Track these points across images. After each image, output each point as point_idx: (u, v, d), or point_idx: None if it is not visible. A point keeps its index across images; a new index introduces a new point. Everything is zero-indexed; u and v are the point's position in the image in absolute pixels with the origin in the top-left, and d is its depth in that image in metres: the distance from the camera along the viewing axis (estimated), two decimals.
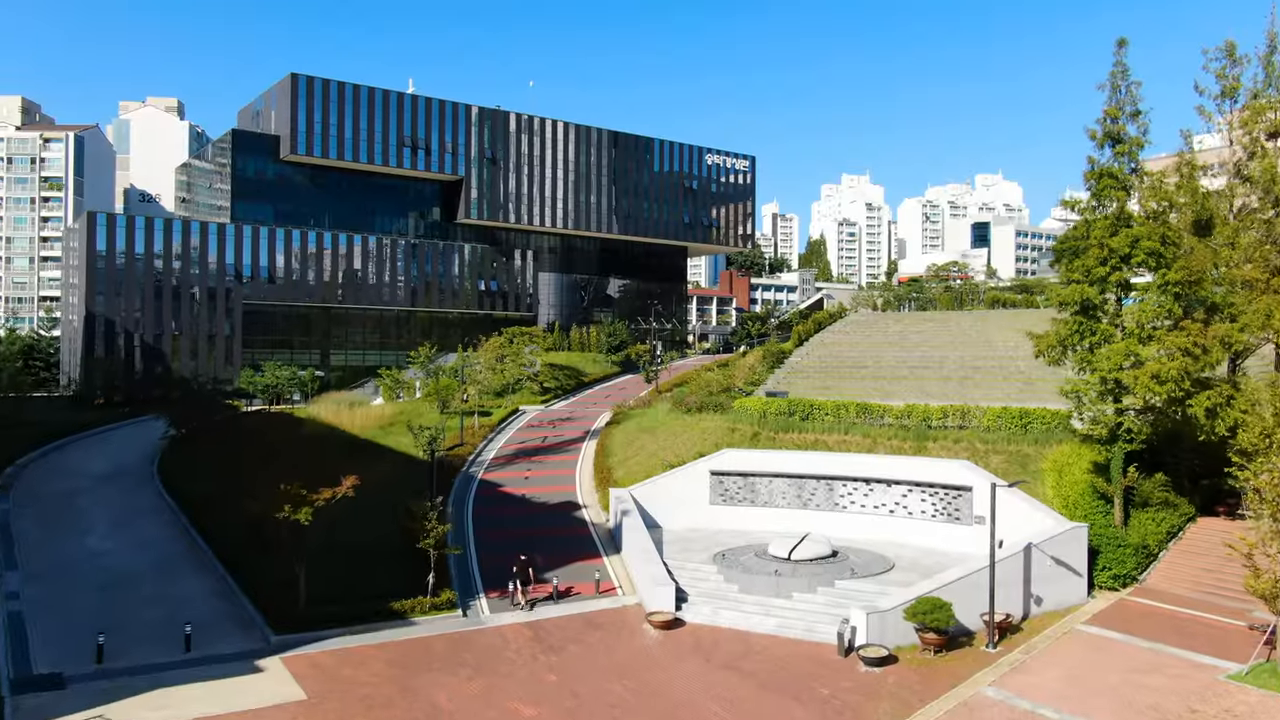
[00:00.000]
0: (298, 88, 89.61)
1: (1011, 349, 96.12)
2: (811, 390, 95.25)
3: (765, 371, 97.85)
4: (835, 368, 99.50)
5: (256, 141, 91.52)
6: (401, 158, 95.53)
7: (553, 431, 64.82)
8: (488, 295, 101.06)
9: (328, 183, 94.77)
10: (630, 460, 52.44)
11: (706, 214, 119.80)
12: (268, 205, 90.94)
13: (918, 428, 46.51)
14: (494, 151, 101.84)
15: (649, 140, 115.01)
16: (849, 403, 49.53)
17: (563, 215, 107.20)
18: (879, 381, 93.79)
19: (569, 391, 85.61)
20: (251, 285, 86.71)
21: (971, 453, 44.23)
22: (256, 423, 64.76)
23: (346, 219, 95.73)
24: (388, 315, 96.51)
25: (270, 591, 32.90)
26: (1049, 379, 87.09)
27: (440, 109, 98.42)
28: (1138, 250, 35.68)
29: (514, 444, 61.30)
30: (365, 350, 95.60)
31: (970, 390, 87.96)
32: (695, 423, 54.07)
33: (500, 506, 47.18)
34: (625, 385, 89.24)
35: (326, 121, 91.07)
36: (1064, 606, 33.61)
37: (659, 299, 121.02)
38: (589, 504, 47.70)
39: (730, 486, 43.79)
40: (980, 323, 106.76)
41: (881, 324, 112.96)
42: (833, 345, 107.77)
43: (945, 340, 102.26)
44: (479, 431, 62.42)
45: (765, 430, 49.64)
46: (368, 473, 51.72)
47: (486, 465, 55.70)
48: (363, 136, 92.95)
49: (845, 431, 47.78)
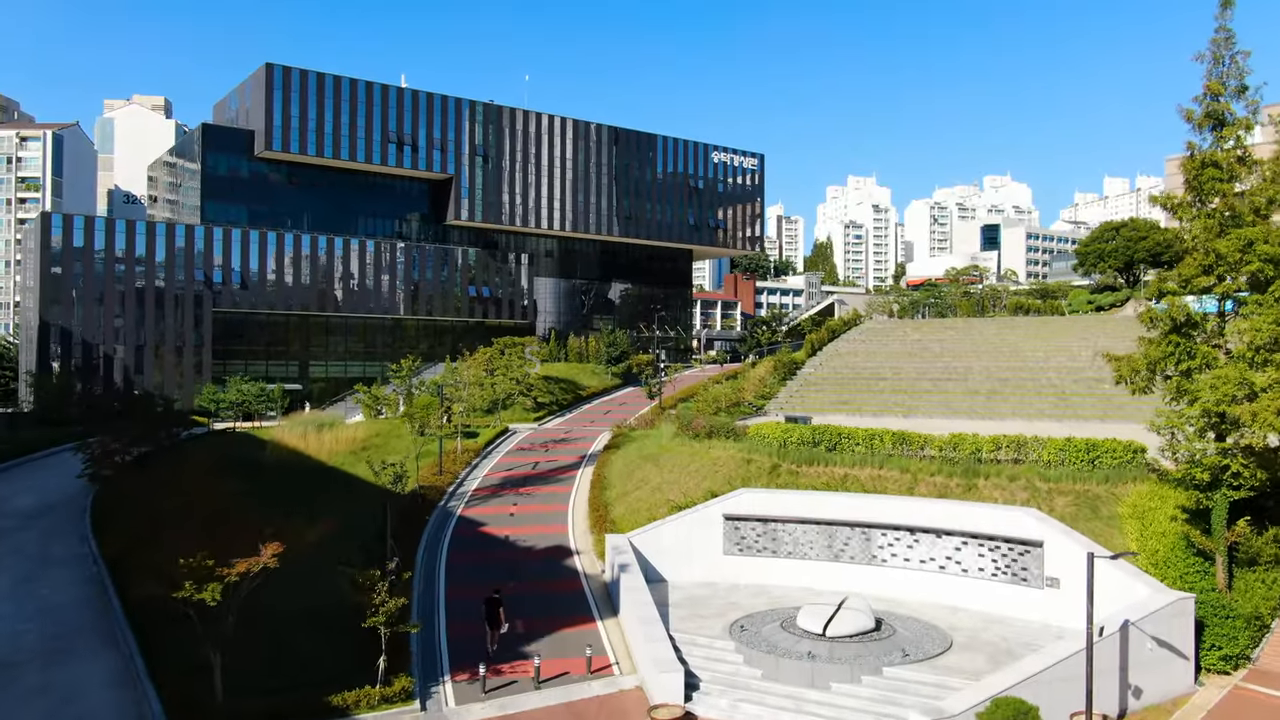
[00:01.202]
0: (273, 79, 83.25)
1: (1041, 360, 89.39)
2: (827, 405, 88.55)
3: (776, 384, 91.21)
4: (851, 380, 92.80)
5: (229, 137, 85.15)
6: (386, 155, 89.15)
7: (545, 456, 58.31)
8: (480, 302, 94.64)
9: (307, 182, 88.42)
10: (630, 494, 45.88)
11: (713, 215, 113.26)
12: (241, 206, 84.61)
13: (965, 461, 39.89)
14: (486, 149, 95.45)
15: (652, 137, 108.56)
16: (883, 431, 42.91)
17: (560, 216, 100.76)
18: (899, 395, 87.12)
19: (565, 407, 79.09)
20: (223, 292, 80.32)
21: (1031, 492, 37.62)
22: (213, 448, 58.24)
23: (327, 221, 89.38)
24: (372, 324, 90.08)
25: (183, 678, 26.44)
26: (1084, 393, 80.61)
27: (428, 103, 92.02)
28: (1251, 255, 29.06)
29: (501, 471, 54.78)
30: (348, 361, 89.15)
31: (998, 405, 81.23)
32: (704, 451, 47.48)
33: (479, 552, 40.64)
34: (626, 400, 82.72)
35: (305, 116, 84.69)
36: (1168, 698, 27.00)
37: (663, 305, 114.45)
38: (582, 549, 41.12)
39: (748, 534, 37.18)
40: (1005, 331, 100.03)
41: (899, 332, 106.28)
42: (848, 355, 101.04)
43: (968, 350, 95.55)
44: (462, 457, 55.89)
45: (786, 462, 43.03)
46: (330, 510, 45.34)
47: (468, 498, 49.17)
48: (344, 132, 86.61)
49: (880, 465, 41.17)
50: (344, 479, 50.87)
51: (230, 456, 54.93)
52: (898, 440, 42.10)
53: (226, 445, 59.14)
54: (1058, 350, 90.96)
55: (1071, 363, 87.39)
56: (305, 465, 52.98)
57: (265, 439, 58.18)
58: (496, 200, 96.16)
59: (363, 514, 41.63)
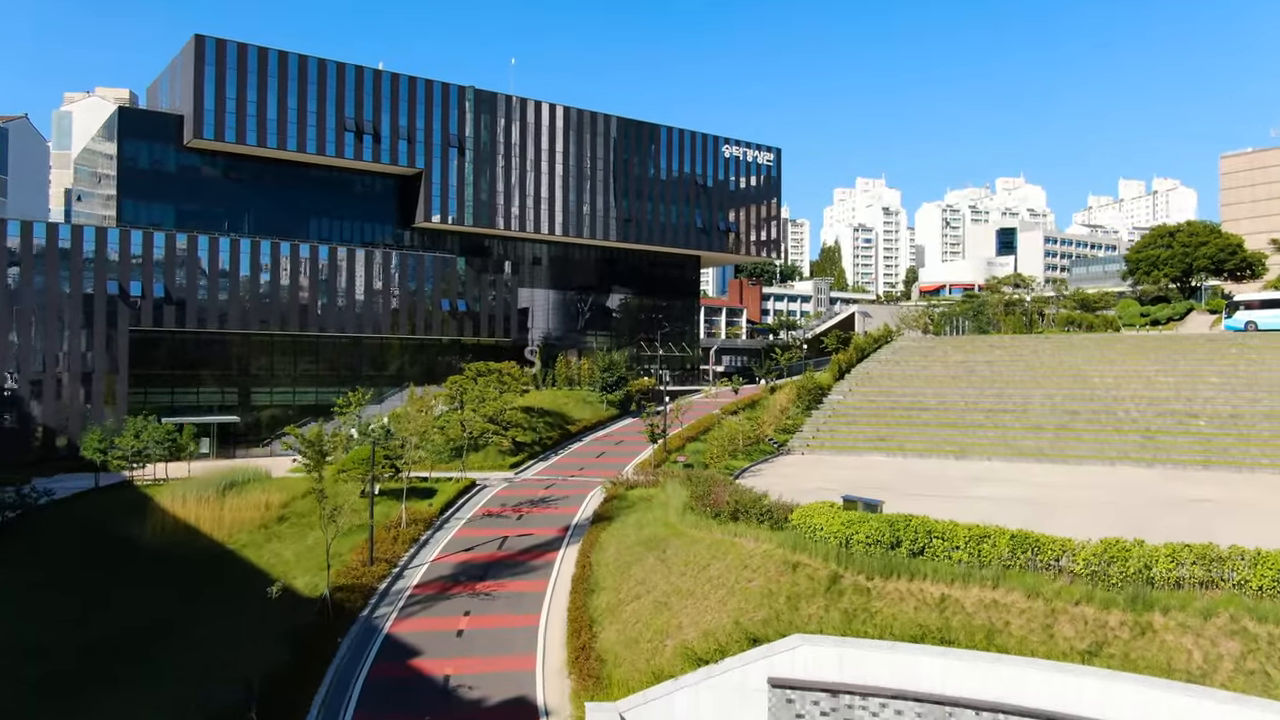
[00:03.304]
0: (203, 54, 69.97)
1: (1112, 387, 75.77)
2: (861, 441, 74.85)
3: (800, 414, 77.78)
4: (888, 410, 79.22)
5: (151, 123, 71.81)
6: (343, 145, 75.85)
7: (516, 527, 44.96)
8: (456, 317, 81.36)
9: (248, 177, 75.13)
10: (626, 607, 32.60)
11: (723, 217, 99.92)
12: (167, 204, 71.40)
13: (1131, 582, 26.54)
14: (462, 139, 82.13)
15: (655, 128, 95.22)
16: (992, 530, 29.47)
17: (550, 218, 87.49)
18: (946, 430, 73.58)
19: (550, 447, 65.83)
20: (143, 307, 67.01)
21: (1242, 639, 24.28)
22: (83, 518, 44.79)
23: (272, 223, 76.16)
24: (327, 343, 76.78)
25: None
26: (1174, 430, 66.85)
27: (393, 85, 78.75)
28: None
29: (456, 552, 41.43)
30: (296, 388, 75.83)
31: (1071, 444, 67.65)
32: (729, 543, 34.10)
33: (404, 714, 27.34)
34: (624, 435, 69.49)
35: (243, 98, 71.40)
36: None
37: (666, 317, 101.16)
38: (554, 708, 27.78)
39: (808, 712, 23.83)
40: (1062, 352, 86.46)
41: (938, 351, 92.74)
42: (881, 379, 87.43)
43: (1022, 374, 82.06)
44: (407, 532, 42.52)
45: (851, 571, 29.65)
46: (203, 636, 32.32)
47: (405, 601, 35.83)
48: (291, 117, 73.32)
49: (994, 582, 27.75)
50: (241, 573, 37.62)
51: (99, 532, 41.65)
52: (1017, 545, 28.69)
53: (105, 512, 45.74)
54: (1129, 375, 77.54)
55: (1150, 391, 74.00)
56: (193, 550, 39.68)
57: (160, 497, 44.83)
58: (475, 199, 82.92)
59: (255, 636, 28.33)
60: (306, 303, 73.77)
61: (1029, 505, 44.08)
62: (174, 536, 40.54)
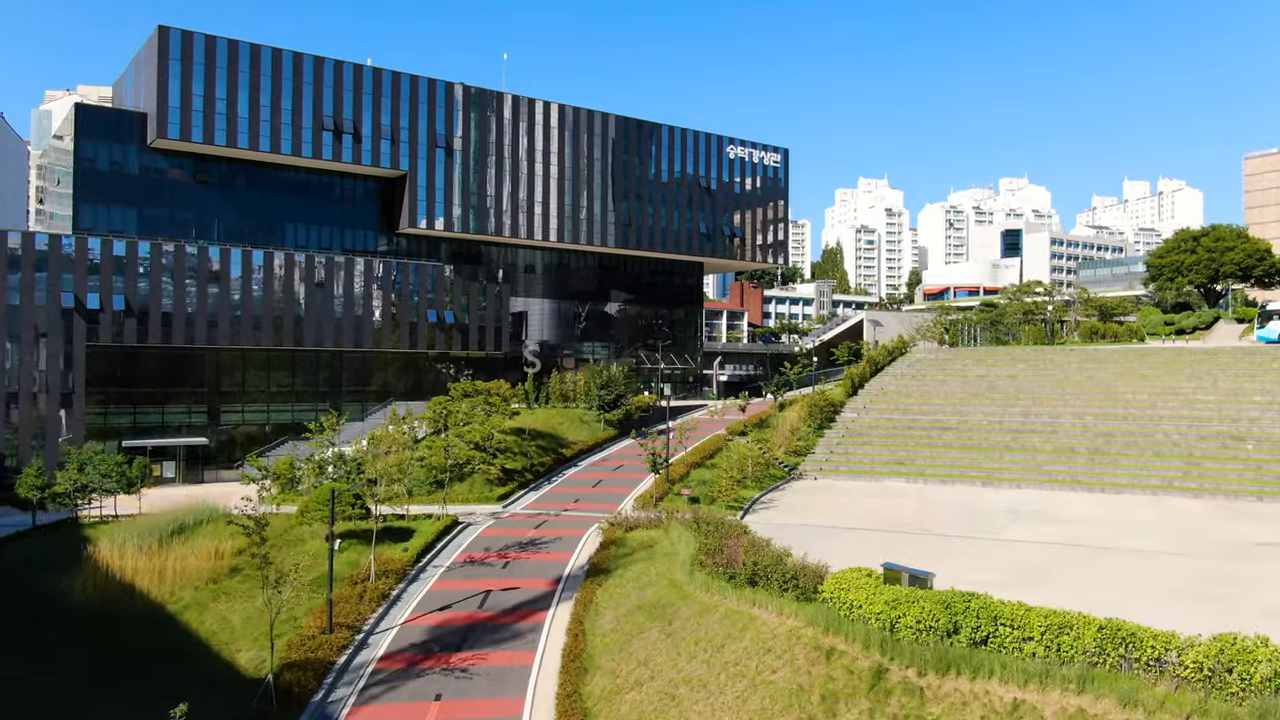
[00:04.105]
0: (168, 47, 64.63)
1: (1147, 407, 70.44)
2: (879, 464, 69.54)
3: (812, 433, 72.51)
4: (906, 430, 73.95)
5: (111, 122, 66.43)
6: (320, 145, 70.47)
7: (501, 578, 39.66)
8: (442, 329, 76.07)
9: (217, 180, 69.79)
10: (625, 698, 27.34)
11: (728, 221, 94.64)
12: (130, 210, 66.11)
13: (1257, 692, 21.29)
14: (450, 139, 76.77)
15: (656, 127, 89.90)
16: (1074, 619, 24.15)
17: (544, 223, 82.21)
18: (970, 453, 68.32)
19: (542, 474, 60.58)
20: (102, 321, 61.69)
21: None
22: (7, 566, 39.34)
23: (244, 229, 70.92)
24: (304, 357, 71.56)
25: None
26: (1220, 455, 61.26)
27: (375, 81, 73.40)
28: None
29: (431, 611, 36.16)
30: (272, 405, 70.59)
31: (1107, 469, 62.41)
32: (748, 617, 28.82)
33: None
34: (623, 459, 64.28)
35: (211, 95, 66.05)
36: None
37: (668, 325, 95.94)
38: None
39: None
40: (1089, 365, 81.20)
41: (956, 365, 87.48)
42: (897, 395, 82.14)
43: (1049, 390, 76.77)
44: (376, 587, 37.19)
45: (898, 663, 24.39)
46: None
47: (366, 681, 30.52)
48: (264, 115, 67.97)
49: (1078, 686, 22.47)
50: (175, 645, 32.29)
51: (21, 588, 36.29)
52: (1105, 639, 23.41)
53: (35, 560, 40.33)
54: (1165, 393, 72.28)
55: (1190, 410, 68.75)
56: (125, 613, 34.35)
57: (91, 555, 39.47)
58: (463, 203, 77.61)
59: None
60: (281, 315, 68.46)
61: (1079, 554, 39.02)
62: (105, 594, 35.24)
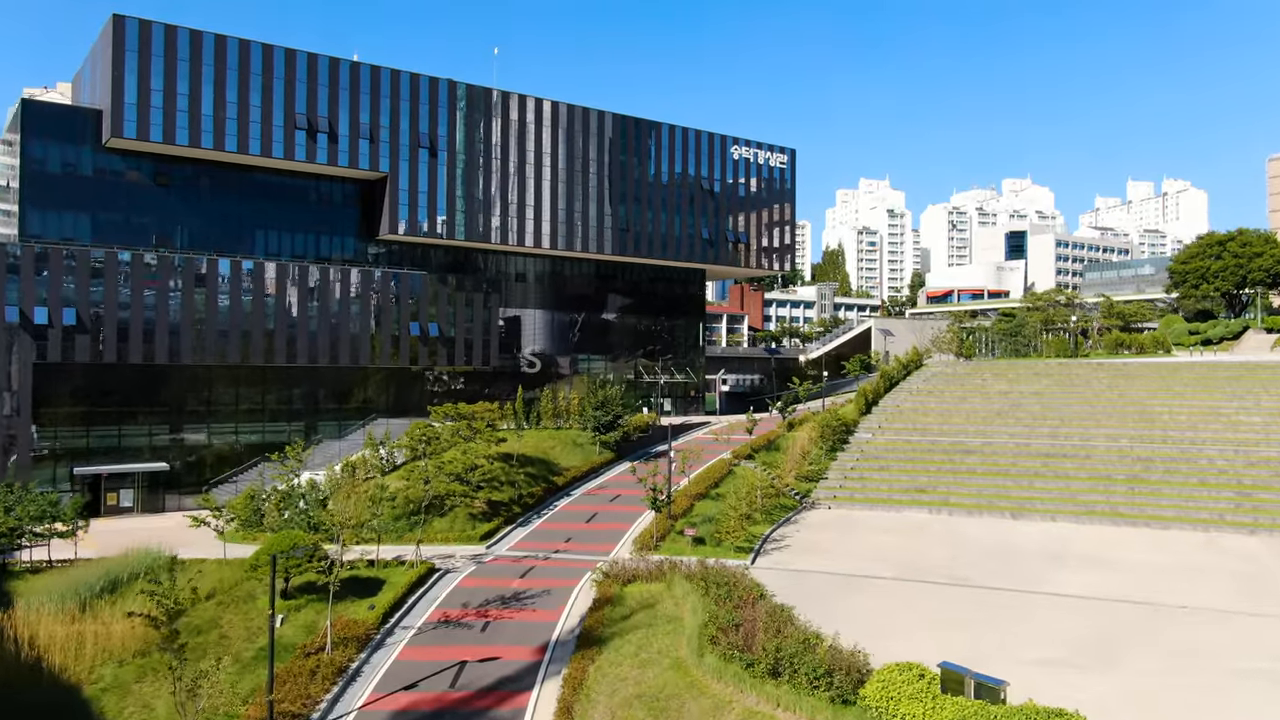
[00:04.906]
0: (123, 37, 59.23)
1: (1187, 428, 64.99)
2: (898, 492, 63.68)
3: (824, 457, 67.00)
4: (926, 452, 68.46)
5: (62, 119, 60.96)
6: (293, 145, 65.08)
7: (480, 644, 34.26)
8: (425, 342, 70.79)
9: (180, 183, 64.31)
10: None
11: (731, 226, 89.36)
12: (83, 215, 60.71)
13: None
14: (434, 139, 71.41)
15: (656, 126, 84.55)
16: None
17: (535, 229, 76.89)
18: (998, 479, 62.86)
19: (532, 506, 55.24)
20: (50, 337, 56.34)
21: None
22: None
23: (210, 235, 65.56)
24: (276, 373, 66.28)
25: None
26: (1275, 484, 56.31)
27: (352, 76, 67.99)
28: None
29: (394, 691, 30.69)
30: (240, 425, 65.31)
31: (1150, 500, 56.91)
32: None
33: None
34: (620, 489, 58.95)
35: (172, 90, 60.63)
36: None
37: (668, 334, 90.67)
38: None
39: None
40: (1119, 381, 75.82)
41: (975, 380, 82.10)
42: (913, 414, 76.73)
43: (1079, 409, 71.29)
44: (331, 660, 31.80)
45: None
46: None
47: None
48: (231, 113, 62.57)
49: None
50: None
51: None
52: None
53: None
54: (1205, 413, 66.92)
55: (1233, 434, 63.39)
56: (30, 698, 28.98)
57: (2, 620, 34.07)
58: (449, 208, 72.24)
59: None
60: (251, 328, 63.14)
61: (1143, 616, 33.97)
62: (10, 672, 29.91)
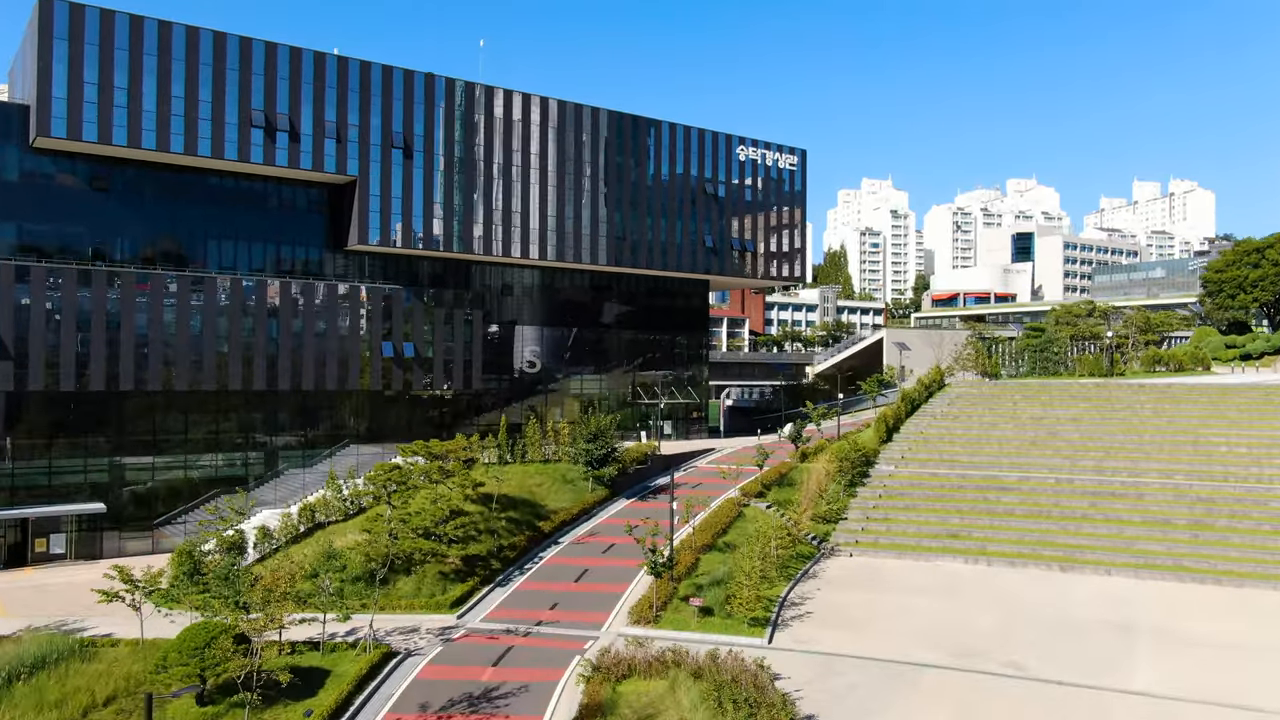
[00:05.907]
0: (50, 23, 52.15)
1: (1250, 462, 56.83)
2: (927, 538, 55.15)
3: (843, 494, 59.50)
4: (956, 490, 61.04)
5: None
6: (248, 146, 57.96)
7: None
8: (399, 364, 63.85)
9: (120, 187, 57.20)
10: None
11: (737, 233, 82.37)
12: (7, 223, 53.52)
13: None
14: (409, 138, 64.31)
15: (656, 124, 77.46)
16: None
17: (523, 237, 69.88)
18: (1040, 523, 55.39)
19: (513, 560, 48.20)
20: None
21: None
22: None
23: (156, 246, 58.46)
24: (232, 399, 59.40)
25: None
26: None
27: (317, 68, 60.90)
28: None
29: None
30: (189, 456, 58.45)
31: (1217, 553, 48.69)
32: None
33: None
34: (614, 538, 51.82)
35: (109, 83, 53.56)
36: None
37: (669, 353, 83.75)
38: None
39: None
40: (1166, 405, 68.32)
41: (1004, 401, 74.75)
42: (940, 443, 69.44)
43: (1122, 438, 64.03)
44: None
45: None
46: None
47: None
48: (176, 109, 55.47)
49: None
50: None
51: None
52: None
53: None
54: (1269, 445, 59.41)
55: None
56: None
57: None
58: (425, 215, 65.21)
59: None
60: (201, 349, 56.18)
61: None
62: None
